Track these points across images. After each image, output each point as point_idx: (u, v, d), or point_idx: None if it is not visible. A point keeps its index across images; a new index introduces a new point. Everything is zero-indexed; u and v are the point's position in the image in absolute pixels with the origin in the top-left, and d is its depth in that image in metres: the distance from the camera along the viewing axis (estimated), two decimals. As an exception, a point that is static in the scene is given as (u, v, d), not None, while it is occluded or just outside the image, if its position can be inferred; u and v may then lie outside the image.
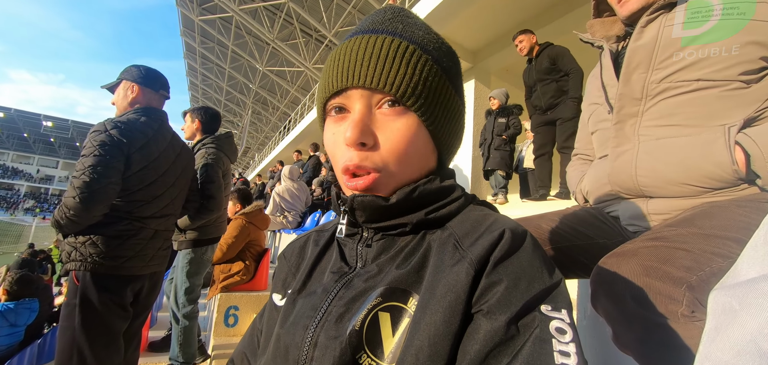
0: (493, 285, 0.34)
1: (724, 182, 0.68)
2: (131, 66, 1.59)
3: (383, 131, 0.41)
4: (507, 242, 0.35)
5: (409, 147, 0.41)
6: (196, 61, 20.25)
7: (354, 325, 0.36)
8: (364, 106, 0.41)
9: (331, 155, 0.45)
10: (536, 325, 0.31)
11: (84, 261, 1.34)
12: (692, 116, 0.71)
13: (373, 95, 0.41)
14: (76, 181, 1.28)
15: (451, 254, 0.37)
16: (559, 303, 0.33)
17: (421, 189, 0.42)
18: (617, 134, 0.82)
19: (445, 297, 0.34)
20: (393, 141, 0.41)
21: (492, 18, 4.76)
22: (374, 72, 0.40)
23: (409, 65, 0.41)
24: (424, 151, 0.44)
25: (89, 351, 1.35)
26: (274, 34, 13.42)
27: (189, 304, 2.18)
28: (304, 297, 0.44)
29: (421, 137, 0.43)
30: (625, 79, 0.81)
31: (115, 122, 1.40)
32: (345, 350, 0.35)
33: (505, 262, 0.35)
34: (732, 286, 0.32)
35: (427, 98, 0.42)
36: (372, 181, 0.41)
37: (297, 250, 0.53)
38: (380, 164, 0.41)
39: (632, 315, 0.53)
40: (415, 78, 0.41)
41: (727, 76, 0.69)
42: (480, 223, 0.40)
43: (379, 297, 0.37)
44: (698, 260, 0.53)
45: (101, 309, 1.37)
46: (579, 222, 0.87)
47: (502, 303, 0.32)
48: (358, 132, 0.40)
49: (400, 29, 0.43)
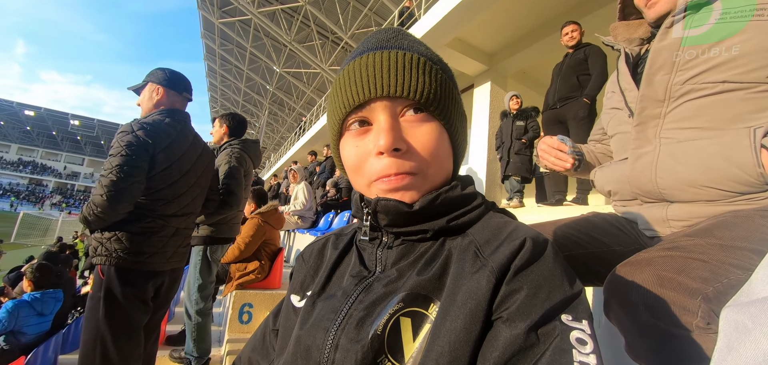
0: (513, 292, 0.34)
1: (749, 185, 0.66)
2: (156, 69, 1.66)
3: (412, 136, 0.42)
4: (528, 251, 0.35)
5: (438, 150, 0.43)
6: (216, 63, 20.75)
7: (376, 329, 0.36)
8: (390, 115, 0.42)
9: (355, 168, 0.45)
10: (557, 334, 0.31)
11: (109, 256, 1.40)
12: (716, 118, 0.70)
13: (396, 105, 0.42)
14: (104, 179, 1.34)
15: (471, 262, 0.37)
16: (580, 313, 0.33)
17: (444, 197, 0.42)
18: (638, 136, 0.81)
19: (465, 304, 0.34)
20: (424, 143, 0.42)
21: (509, 21, 4.72)
22: (397, 81, 0.41)
23: (426, 74, 0.42)
24: (446, 154, 0.45)
25: (112, 341, 1.40)
26: (291, 36, 13.64)
27: (202, 301, 2.24)
28: (323, 299, 0.44)
29: (444, 141, 0.44)
30: (647, 81, 0.79)
31: (142, 123, 1.46)
32: (367, 353, 0.35)
33: (525, 270, 0.35)
34: (745, 304, 0.32)
35: (445, 104, 0.43)
36: (405, 181, 0.42)
37: (316, 252, 0.54)
38: (414, 168, 0.42)
39: (645, 325, 0.52)
40: (433, 85, 0.42)
41: (754, 78, 0.67)
42: (500, 231, 0.40)
43: (401, 302, 0.38)
44: (715, 271, 0.52)
45: (124, 303, 1.43)
46: (594, 229, 0.86)
47: (523, 310, 0.32)
48: (392, 137, 0.41)
49: (407, 44, 0.45)
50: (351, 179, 0.47)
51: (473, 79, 5.75)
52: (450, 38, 4.94)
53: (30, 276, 3.26)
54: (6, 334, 2.87)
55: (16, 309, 2.95)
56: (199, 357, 2.25)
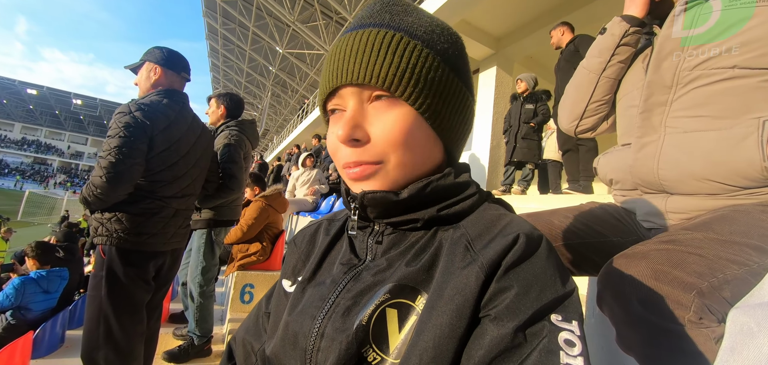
0: (503, 290, 0.33)
1: (752, 180, 0.65)
2: (154, 48, 1.63)
3: (375, 123, 0.41)
4: (520, 248, 0.34)
5: (404, 137, 0.40)
6: (218, 43, 20.53)
7: (361, 320, 0.36)
8: (356, 102, 0.41)
9: (332, 154, 0.45)
10: (545, 335, 0.31)
11: (110, 236, 1.42)
12: (725, 107, 0.68)
13: (363, 91, 0.41)
14: (102, 161, 1.35)
15: (462, 256, 0.37)
16: (570, 313, 0.32)
17: (435, 185, 0.41)
18: (643, 123, 0.79)
19: (452, 300, 0.33)
20: (385, 132, 0.40)
21: (518, 4, 4.61)
22: (360, 67, 0.40)
23: (396, 55, 0.39)
24: (424, 143, 0.42)
25: (115, 319, 1.43)
26: (294, 15, 13.42)
27: (205, 283, 2.27)
28: (313, 286, 0.44)
29: (418, 127, 0.41)
30: (655, 66, 0.78)
31: (139, 103, 1.45)
32: (351, 343, 0.35)
33: (516, 268, 0.34)
34: (752, 307, 0.31)
35: (417, 86, 0.40)
36: (367, 171, 0.41)
37: (308, 238, 0.54)
38: (377, 157, 0.41)
39: (638, 318, 0.52)
40: (402, 67, 0.39)
41: (765, 63, 0.65)
42: (494, 224, 0.39)
43: (388, 294, 0.37)
44: (711, 266, 0.52)
45: (126, 282, 1.45)
46: (592, 219, 0.85)
47: (511, 309, 0.32)
48: (347, 129, 0.40)
49: (387, 20, 0.42)
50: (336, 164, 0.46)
51: (479, 64, 5.65)
52: (457, 20, 4.83)
53: (31, 254, 3.31)
54: (13, 309, 2.94)
55: (22, 285, 3.01)
56: (201, 336, 2.30)
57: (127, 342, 1.47)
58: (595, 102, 0.95)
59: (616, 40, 0.87)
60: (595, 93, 0.93)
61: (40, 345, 2.53)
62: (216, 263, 2.37)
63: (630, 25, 0.85)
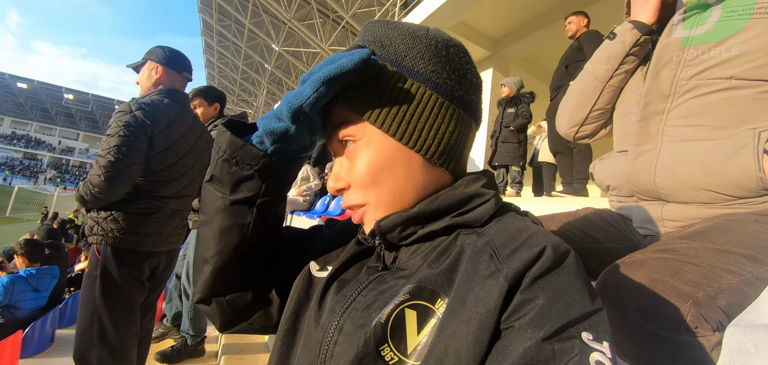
0: (528, 301, 0.32)
1: (747, 190, 0.66)
2: (156, 47, 1.62)
3: (350, 169, 0.44)
4: (548, 260, 0.33)
5: (379, 170, 0.42)
6: (213, 39, 20.36)
7: (380, 318, 0.36)
8: (337, 154, 0.45)
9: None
10: (576, 353, 0.29)
11: (105, 236, 1.40)
12: (722, 117, 0.69)
13: (339, 142, 0.44)
14: (101, 160, 1.33)
15: (486, 264, 0.35)
16: (601, 332, 0.30)
17: (443, 198, 0.42)
18: (640, 132, 0.80)
19: (474, 308, 0.32)
20: (360, 174, 0.42)
21: (515, 5, 4.63)
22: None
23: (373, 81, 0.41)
24: (407, 165, 0.42)
25: (108, 319, 1.42)
26: (291, 13, 13.35)
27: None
28: (338, 281, 0.46)
29: (390, 154, 0.41)
30: (653, 75, 0.79)
31: (140, 103, 1.44)
32: (369, 340, 0.35)
33: (542, 279, 0.32)
34: (750, 326, 0.32)
35: (381, 112, 0.40)
36: (361, 215, 0.44)
37: (345, 236, 0.54)
38: (360, 200, 0.44)
39: (634, 325, 0.53)
40: (370, 95, 0.41)
41: (762, 74, 0.66)
42: (519, 234, 0.38)
43: (408, 294, 0.37)
44: (707, 275, 0.53)
45: (120, 281, 1.44)
46: (588, 225, 0.86)
47: (537, 320, 0.30)
48: (331, 184, 0.44)
49: (359, 39, 0.45)
50: None
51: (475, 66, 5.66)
52: (455, 21, 4.85)
53: (21, 252, 3.27)
54: (2, 308, 2.89)
55: (11, 283, 2.96)
56: (195, 336, 2.29)
57: (120, 343, 1.46)
58: (597, 110, 0.93)
59: (626, 48, 0.85)
60: (598, 101, 0.92)
61: (29, 345, 2.50)
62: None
63: (641, 34, 0.83)
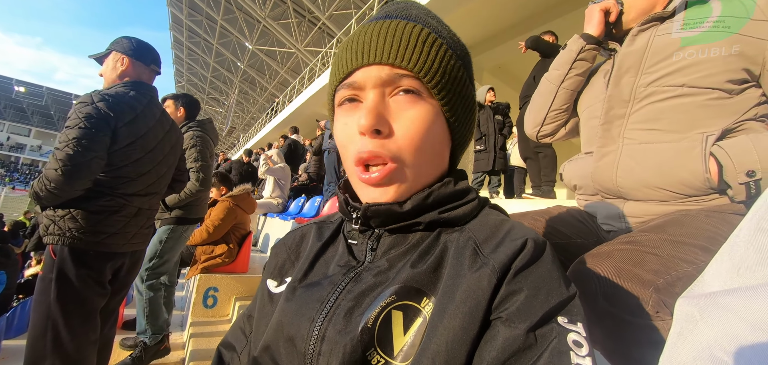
0: (513, 293, 0.34)
1: (696, 189, 0.72)
2: (122, 37, 1.54)
3: (398, 119, 0.40)
4: (529, 252, 0.35)
5: (425, 136, 0.40)
6: (183, 34, 19.60)
7: (366, 322, 0.36)
8: (378, 94, 0.40)
9: (342, 147, 0.43)
10: (554, 336, 0.32)
11: (62, 235, 1.31)
12: (675, 122, 0.75)
13: (386, 83, 0.40)
14: (58, 153, 1.24)
15: (471, 260, 0.37)
16: (575, 315, 0.33)
17: (436, 194, 0.41)
18: (604, 134, 0.86)
19: (465, 303, 0.34)
20: (409, 129, 0.39)
21: (488, 15, 4.80)
22: (391, 48, 0.39)
23: (425, 46, 0.39)
24: (439, 144, 0.43)
25: (64, 325, 1.32)
26: (266, 11, 13.10)
27: (152, 277, 2.17)
28: (305, 287, 0.43)
29: (438, 127, 0.41)
30: (615, 82, 0.85)
31: (103, 94, 1.36)
32: (356, 346, 0.34)
33: (525, 271, 0.35)
34: (696, 296, 0.35)
35: (446, 84, 0.41)
36: (388, 172, 0.39)
37: (297, 239, 0.52)
38: (396, 153, 0.40)
39: (602, 313, 0.56)
40: (430, 58, 0.39)
41: (711, 83, 0.73)
42: (498, 228, 0.40)
43: (394, 295, 0.37)
44: (666, 264, 0.57)
45: (78, 285, 1.34)
46: (558, 222, 0.91)
47: (522, 311, 0.32)
48: (372, 118, 0.38)
49: (414, 15, 0.42)
50: (341, 156, 0.45)
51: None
52: (429, 28, 4.96)
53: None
54: (-61, 317, 2.63)
55: (-49, 290, 2.70)
56: (154, 334, 2.15)
57: (77, 351, 1.36)
58: (554, 111, 1.03)
59: (573, 55, 0.96)
60: (554, 102, 1.02)
61: (-29, 357, 2.29)
62: (171, 260, 2.28)
63: (586, 43, 0.94)
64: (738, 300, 0.30)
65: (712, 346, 0.30)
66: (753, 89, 0.74)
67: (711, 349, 0.30)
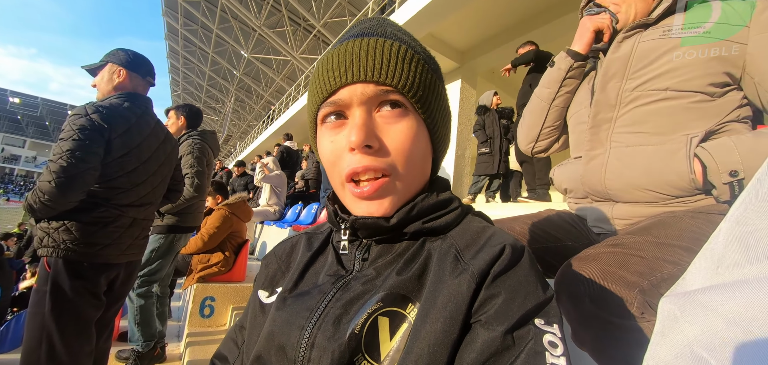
0: (492, 297, 0.35)
1: (683, 190, 0.73)
2: (117, 49, 1.55)
3: (386, 133, 0.41)
4: (507, 258, 0.37)
5: (413, 148, 0.42)
6: (178, 44, 19.60)
7: (353, 328, 0.37)
8: (365, 110, 0.41)
9: (330, 164, 0.43)
10: (531, 337, 0.33)
11: (56, 248, 1.30)
12: (660, 125, 0.77)
13: (371, 100, 0.41)
14: (52, 165, 1.24)
15: (452, 266, 0.38)
16: (551, 317, 0.35)
17: (420, 206, 0.43)
18: (592, 138, 0.88)
19: (446, 307, 0.35)
20: (398, 142, 0.41)
21: (481, 20, 4.83)
22: (373, 66, 0.40)
23: (405, 62, 0.41)
24: (424, 153, 0.44)
25: (59, 338, 1.31)
26: (261, 20, 13.14)
27: (143, 285, 2.16)
28: (295, 297, 0.44)
29: (422, 138, 0.43)
30: (601, 87, 0.86)
31: (97, 106, 1.37)
32: (344, 352, 0.35)
33: (503, 276, 0.36)
34: (677, 295, 0.36)
35: (426, 97, 0.42)
36: (380, 185, 0.41)
37: (288, 250, 0.54)
38: (387, 166, 0.41)
39: (589, 315, 0.57)
40: (416, 77, 0.41)
41: (693, 86, 0.74)
42: (479, 235, 0.41)
43: (380, 302, 0.38)
44: (651, 266, 0.58)
45: (73, 297, 1.33)
46: (550, 225, 0.92)
47: (500, 314, 0.34)
48: (363, 134, 0.39)
49: (390, 32, 0.43)
50: (328, 174, 0.45)
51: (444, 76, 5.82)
52: (424, 34, 4.99)
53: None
54: (-68, 332, 2.60)
55: (-56, 304, 2.67)
56: (146, 341, 2.14)
57: (72, 363, 1.35)
58: (547, 128, 1.05)
59: (562, 74, 0.97)
60: (547, 120, 1.04)
61: (-36, 372, 2.26)
62: (163, 269, 2.26)
63: (574, 61, 0.95)
64: (717, 296, 0.30)
65: (693, 344, 0.30)
66: (734, 92, 0.76)
67: (691, 347, 0.30)
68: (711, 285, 0.32)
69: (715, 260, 0.33)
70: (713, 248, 0.34)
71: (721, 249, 0.33)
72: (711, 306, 0.30)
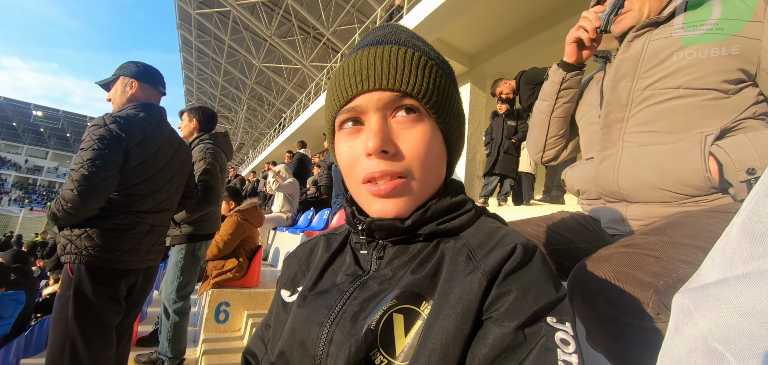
0: (503, 294, 0.36)
1: (698, 189, 0.72)
2: (128, 62, 1.61)
3: (402, 138, 0.42)
4: (518, 256, 0.37)
5: (429, 151, 0.43)
6: (192, 55, 20.10)
7: (369, 324, 0.38)
8: (381, 116, 0.42)
9: (348, 168, 0.45)
10: (542, 334, 0.33)
11: (79, 254, 1.35)
12: (673, 123, 0.76)
13: (387, 106, 0.42)
14: (74, 174, 1.30)
15: (464, 265, 0.39)
16: (564, 315, 0.35)
17: (434, 208, 0.44)
18: (604, 138, 0.86)
19: (458, 304, 0.36)
20: (414, 147, 0.42)
21: (490, 23, 4.82)
22: (388, 74, 0.41)
23: (419, 69, 0.42)
24: (439, 156, 0.45)
25: (82, 342, 1.36)
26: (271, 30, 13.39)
27: (180, 300, 2.20)
28: (315, 295, 0.45)
29: (436, 141, 0.44)
30: (612, 87, 0.85)
31: (115, 116, 1.42)
32: (360, 347, 0.37)
33: (515, 274, 0.36)
34: (691, 289, 0.35)
35: (440, 102, 0.43)
36: (397, 185, 0.42)
37: (308, 251, 0.56)
38: (403, 169, 0.42)
39: (603, 316, 0.57)
40: (430, 83, 0.42)
41: (706, 84, 0.73)
42: (492, 235, 0.42)
43: (395, 299, 0.39)
44: (666, 266, 0.57)
45: (95, 302, 1.38)
46: (562, 227, 0.91)
47: (511, 311, 0.34)
48: (379, 140, 0.41)
49: (403, 39, 0.45)
50: (345, 178, 0.47)
51: (454, 80, 5.84)
52: (433, 38, 5.00)
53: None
54: (-38, 337, 2.71)
55: (-28, 310, 2.78)
56: (174, 358, 2.20)
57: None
58: (552, 137, 1.06)
59: (556, 87, 0.99)
60: (549, 131, 1.05)
61: (-9, 376, 2.34)
62: (193, 280, 2.29)
63: (566, 73, 0.96)
64: (730, 289, 0.30)
65: (707, 337, 0.30)
66: (750, 89, 0.74)
67: (706, 340, 0.30)
68: (724, 278, 0.32)
69: (729, 255, 0.33)
70: (727, 242, 0.34)
71: (734, 243, 0.32)
72: (724, 299, 0.30)
